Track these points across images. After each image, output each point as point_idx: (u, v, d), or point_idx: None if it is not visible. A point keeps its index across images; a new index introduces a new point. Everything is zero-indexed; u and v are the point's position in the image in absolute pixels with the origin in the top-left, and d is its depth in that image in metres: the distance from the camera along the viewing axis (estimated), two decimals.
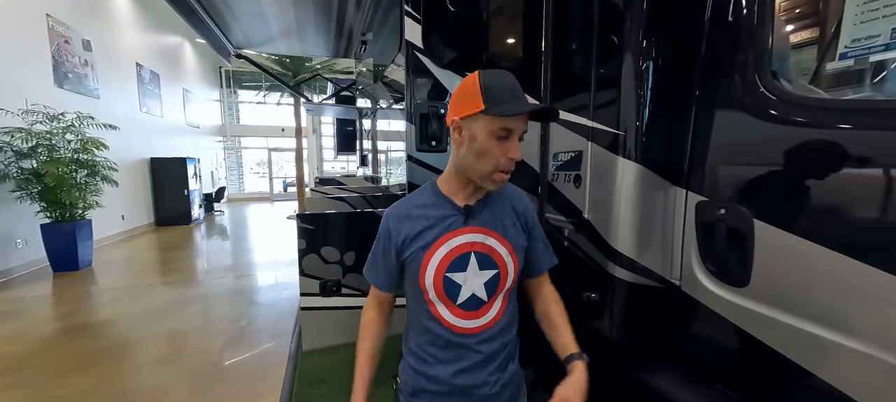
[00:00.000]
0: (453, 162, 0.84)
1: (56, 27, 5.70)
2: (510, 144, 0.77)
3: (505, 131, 0.76)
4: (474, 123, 0.76)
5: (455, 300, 0.83)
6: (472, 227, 0.83)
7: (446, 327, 0.84)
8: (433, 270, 0.81)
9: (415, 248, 0.82)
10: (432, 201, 0.85)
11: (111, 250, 6.22)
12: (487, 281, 0.84)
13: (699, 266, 1.06)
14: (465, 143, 0.78)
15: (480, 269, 0.83)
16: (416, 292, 0.85)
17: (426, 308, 0.85)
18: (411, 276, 0.84)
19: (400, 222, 0.84)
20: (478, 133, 0.76)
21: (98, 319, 3.52)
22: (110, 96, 6.93)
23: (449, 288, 0.82)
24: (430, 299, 0.84)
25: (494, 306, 0.87)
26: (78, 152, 4.93)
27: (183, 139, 10.37)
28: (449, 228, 0.82)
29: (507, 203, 0.90)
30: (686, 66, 1.06)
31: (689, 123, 1.07)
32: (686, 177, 1.09)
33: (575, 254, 1.31)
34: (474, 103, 0.74)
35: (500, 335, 0.88)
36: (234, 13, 3.75)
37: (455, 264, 0.82)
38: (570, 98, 1.34)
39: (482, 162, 0.77)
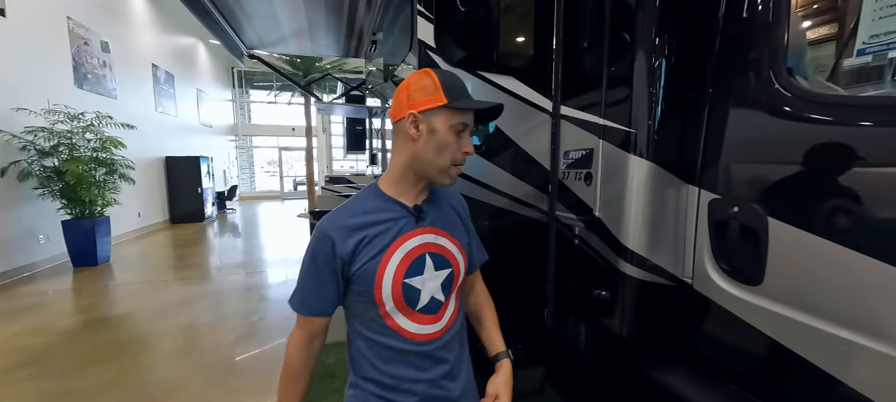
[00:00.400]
0: (404, 160, 0.79)
1: (76, 29, 5.87)
2: (465, 139, 0.78)
3: (462, 126, 0.76)
4: (434, 117, 0.74)
5: (415, 306, 0.79)
6: (423, 227, 0.80)
7: (408, 338, 0.79)
8: (390, 278, 0.76)
9: (366, 258, 0.75)
10: (378, 204, 0.79)
11: (128, 246, 6.39)
12: (444, 281, 0.82)
13: (712, 264, 1.05)
14: (423, 137, 0.75)
15: (436, 269, 0.81)
16: (366, 309, 0.78)
17: (382, 324, 0.78)
18: (362, 290, 0.77)
19: (343, 232, 0.75)
20: (438, 127, 0.75)
21: (116, 313, 3.63)
22: (127, 96, 7.11)
23: (408, 295, 0.77)
24: (387, 311, 0.77)
25: (450, 305, 0.85)
26: (97, 151, 5.07)
27: (196, 138, 10.57)
28: (402, 231, 0.78)
29: (447, 203, 0.90)
30: (699, 63, 1.06)
31: (702, 120, 1.07)
32: (699, 175, 1.08)
33: (585, 252, 1.31)
34: (435, 97, 0.74)
35: (458, 335, 0.87)
36: (248, 14, 3.82)
37: (412, 269, 0.78)
38: (581, 96, 1.35)
39: (441, 156, 0.76)
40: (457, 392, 0.85)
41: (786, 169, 0.89)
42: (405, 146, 0.78)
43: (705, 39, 1.05)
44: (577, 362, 1.43)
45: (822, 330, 0.81)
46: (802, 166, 0.85)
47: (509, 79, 1.43)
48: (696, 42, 1.06)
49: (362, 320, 0.80)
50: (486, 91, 1.40)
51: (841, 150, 0.79)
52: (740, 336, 1.01)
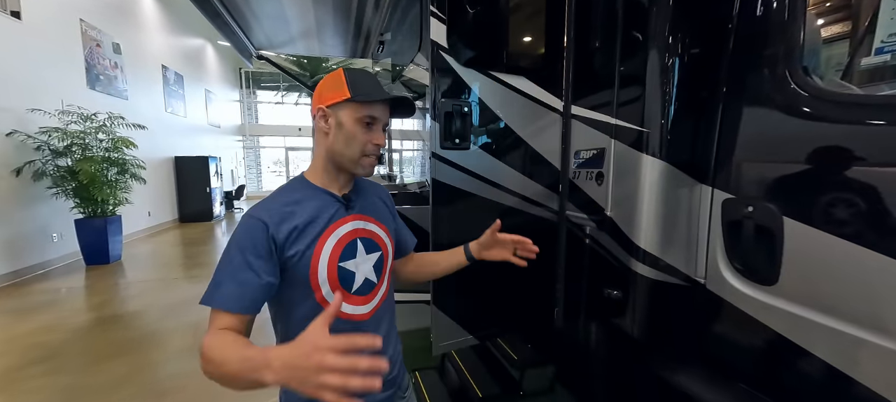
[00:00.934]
0: (322, 153, 0.83)
1: (89, 31, 5.97)
2: (374, 132, 0.82)
3: (370, 119, 0.80)
4: (341, 111, 0.79)
5: (350, 289, 0.83)
6: (353, 215, 0.85)
7: (344, 319, 0.82)
8: (325, 263, 0.79)
9: (302, 245, 0.76)
10: (306, 194, 0.82)
11: (139, 244, 6.48)
12: (375, 263, 0.88)
13: (725, 264, 1.05)
14: (332, 130, 0.80)
15: (368, 253, 0.86)
16: (302, 297, 0.78)
17: (318, 309, 0.77)
18: (298, 276, 0.77)
19: (276, 218, 0.75)
20: (344, 120, 0.79)
21: (128, 310, 3.69)
22: (138, 97, 7.22)
23: (343, 277, 0.81)
24: (324, 295, 0.79)
25: (382, 286, 0.90)
26: (109, 151, 5.15)
27: (205, 138, 10.69)
28: (333, 218, 0.82)
29: (373, 193, 0.95)
30: (713, 62, 1.06)
31: (716, 120, 1.06)
32: (712, 174, 1.08)
33: (596, 251, 1.31)
34: (340, 92, 0.78)
35: (387, 311, 0.92)
36: (257, 15, 3.86)
37: (346, 253, 0.82)
38: (592, 96, 1.35)
39: (350, 147, 0.80)
40: (393, 374, 0.91)
41: (801, 168, 0.89)
42: (321, 140, 0.82)
43: (719, 38, 1.04)
44: (587, 361, 1.44)
45: (838, 330, 0.81)
46: (819, 165, 0.85)
47: (520, 79, 1.44)
48: (709, 41, 1.06)
49: (298, 309, 0.79)
50: (498, 91, 1.41)
51: (857, 149, 0.79)
52: (754, 336, 1.00)
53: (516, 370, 1.74)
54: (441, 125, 1.32)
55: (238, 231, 0.75)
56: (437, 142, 1.34)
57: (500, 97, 1.43)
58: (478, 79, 1.37)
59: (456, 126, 1.32)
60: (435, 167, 1.34)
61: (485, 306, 1.59)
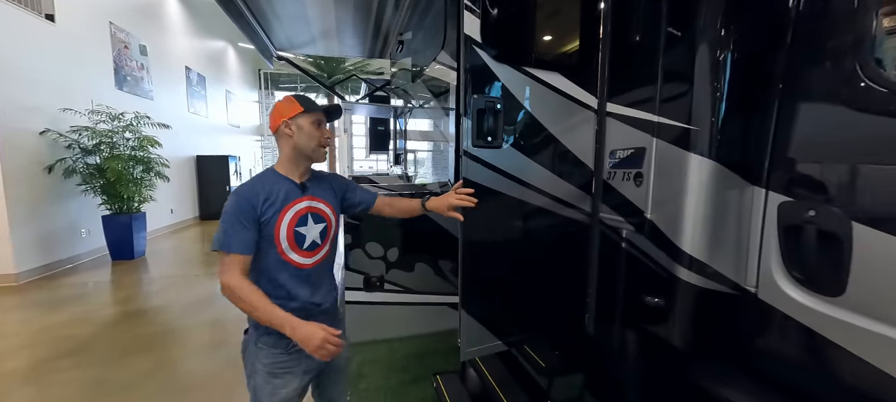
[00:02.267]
0: (288, 151, 1.19)
1: (117, 34, 6.17)
2: (323, 129, 1.23)
3: (318, 121, 1.21)
4: (299, 119, 1.18)
5: (301, 246, 1.18)
6: (307, 196, 1.21)
7: (296, 266, 1.18)
8: (285, 227, 1.15)
9: (270, 212, 1.13)
10: (275, 180, 1.18)
11: (162, 240, 6.66)
12: (320, 231, 1.23)
13: (781, 272, 0.98)
14: (296, 133, 1.18)
15: (315, 223, 1.22)
16: (269, 247, 1.14)
17: (279, 258, 1.15)
18: (267, 234, 1.13)
19: (255, 195, 1.12)
20: (303, 124, 1.18)
21: (152, 305, 3.77)
22: (162, 98, 7.42)
23: (298, 238, 1.17)
24: (283, 249, 1.15)
25: (324, 247, 1.25)
26: (135, 150, 5.30)
27: (225, 138, 10.93)
28: (290, 197, 1.17)
29: (327, 182, 1.32)
30: (768, 55, 0.99)
31: (770, 117, 0.99)
32: (765, 175, 1.01)
33: (634, 256, 1.25)
34: (295, 108, 1.18)
35: (327, 264, 1.28)
36: (279, 16, 3.90)
37: (300, 222, 1.18)
38: (631, 92, 1.29)
39: (312, 141, 1.20)
40: (325, 305, 1.26)
41: (874, 170, 0.81)
42: (287, 142, 1.19)
43: (776, 29, 0.97)
44: (622, 371, 1.37)
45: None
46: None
47: (553, 74, 1.39)
48: (765, 33, 0.99)
49: (265, 254, 1.14)
50: (531, 87, 1.36)
51: None
52: (813, 350, 0.93)
53: (544, 378, 1.69)
54: (473, 123, 1.28)
55: (231, 203, 1.11)
56: (469, 139, 1.30)
57: (532, 93, 1.39)
58: (510, 75, 1.32)
59: (488, 124, 1.28)
60: (467, 166, 1.30)
61: (514, 310, 1.54)
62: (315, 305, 1.21)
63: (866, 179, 0.82)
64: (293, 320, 1.04)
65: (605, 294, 1.42)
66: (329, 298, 1.28)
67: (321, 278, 1.26)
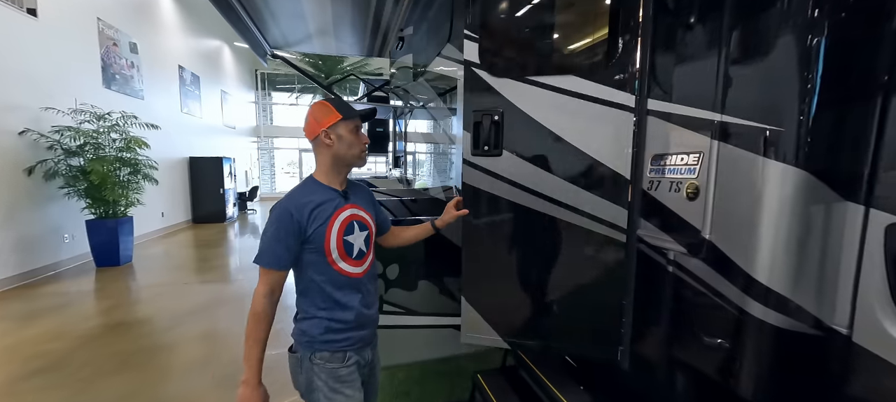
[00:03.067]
0: (328, 160, 1.16)
1: (106, 30, 5.94)
2: (362, 134, 1.19)
3: (356, 128, 1.17)
4: (338, 128, 1.13)
5: (351, 255, 1.15)
6: (349, 204, 1.18)
7: (346, 276, 1.15)
8: (335, 236, 1.12)
9: (318, 224, 1.10)
10: (317, 190, 1.15)
11: (151, 246, 6.41)
12: (365, 238, 1.20)
13: (889, 313, 0.77)
14: (336, 142, 1.14)
15: (360, 231, 1.19)
16: (318, 258, 1.11)
17: (330, 268, 1.13)
18: (315, 245, 1.10)
19: (299, 208, 1.09)
20: (343, 133, 1.14)
21: (136, 317, 3.53)
22: (154, 97, 7.19)
23: (347, 247, 1.14)
24: (333, 259, 1.12)
25: (370, 255, 1.23)
26: (122, 151, 5.07)
27: (220, 139, 10.69)
28: (337, 206, 1.14)
29: (361, 190, 1.28)
30: (868, 42, 0.79)
31: (872, 117, 0.79)
32: (864, 189, 0.81)
33: (687, 283, 1.04)
34: (332, 116, 1.13)
35: (374, 272, 1.26)
36: (274, 12, 3.69)
37: (347, 230, 1.15)
38: (678, 86, 1.08)
39: (352, 149, 1.16)
40: (373, 313, 1.24)
41: None
42: (326, 150, 1.15)
43: (879, 10, 0.78)
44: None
45: None
46: None
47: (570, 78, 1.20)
48: (865, 14, 0.79)
49: (315, 267, 1.12)
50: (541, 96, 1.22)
51: None
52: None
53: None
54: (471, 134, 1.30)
55: (274, 215, 1.09)
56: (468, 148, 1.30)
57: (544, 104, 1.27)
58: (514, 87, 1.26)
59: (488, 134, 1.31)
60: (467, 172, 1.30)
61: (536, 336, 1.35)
62: (365, 313, 1.19)
63: None
64: (251, 376, 1.07)
65: (644, 325, 1.21)
66: (375, 306, 1.26)
67: (370, 286, 1.23)
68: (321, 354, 1.12)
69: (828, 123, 0.82)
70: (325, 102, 1.15)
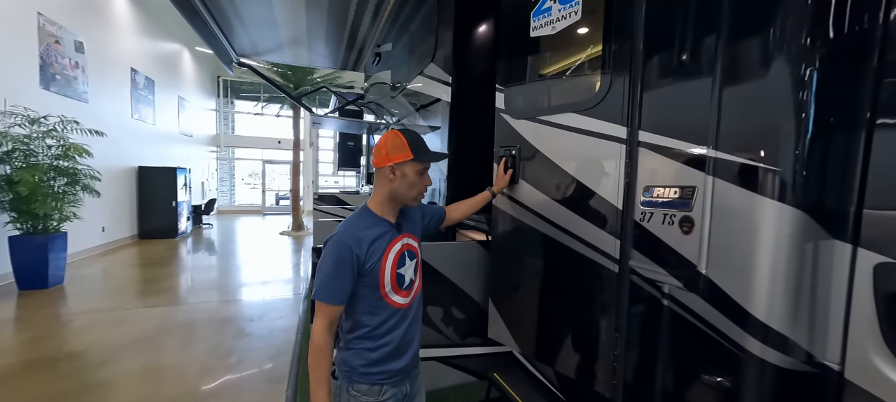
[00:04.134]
0: (386, 193, 1.14)
1: (47, 27, 5.40)
2: (426, 177, 1.17)
3: (423, 169, 1.15)
4: (405, 167, 1.11)
5: (402, 286, 1.15)
6: (403, 234, 1.17)
7: (397, 307, 1.14)
8: (389, 270, 1.11)
9: (375, 258, 1.08)
10: (373, 222, 1.13)
11: (87, 265, 5.73)
12: (414, 266, 1.20)
13: (880, 350, 0.79)
14: (398, 179, 1.12)
15: (410, 260, 1.18)
16: (371, 291, 1.09)
17: (381, 301, 1.11)
18: (370, 280, 1.08)
19: (357, 241, 1.06)
20: (408, 173, 1.12)
21: (64, 351, 3.08)
22: (100, 101, 6.58)
23: (399, 279, 1.14)
24: (386, 292, 1.11)
25: (418, 280, 1.22)
26: (58, 159, 4.54)
27: (174, 148, 9.97)
28: (391, 238, 1.13)
29: (412, 214, 1.27)
30: (851, 76, 0.83)
31: (856, 156, 0.83)
32: (852, 228, 0.83)
33: (683, 318, 1.03)
34: (404, 153, 1.11)
35: (420, 299, 1.24)
36: (243, 19, 3.51)
37: (400, 262, 1.14)
38: (671, 119, 1.09)
39: (412, 190, 1.14)
40: (414, 346, 1.21)
41: None
42: (387, 184, 1.14)
43: (862, 46, 0.82)
44: None
45: None
46: None
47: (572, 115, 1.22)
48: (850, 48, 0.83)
49: (366, 298, 1.10)
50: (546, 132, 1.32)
51: None
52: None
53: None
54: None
55: (333, 250, 1.05)
56: None
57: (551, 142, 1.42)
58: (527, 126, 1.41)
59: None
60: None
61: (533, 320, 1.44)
62: (406, 344, 1.17)
63: None
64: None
65: (636, 359, 1.19)
66: (418, 337, 1.24)
67: (417, 315, 1.22)
68: (359, 385, 1.11)
69: (817, 162, 0.84)
70: (400, 135, 1.12)
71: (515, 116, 1.55)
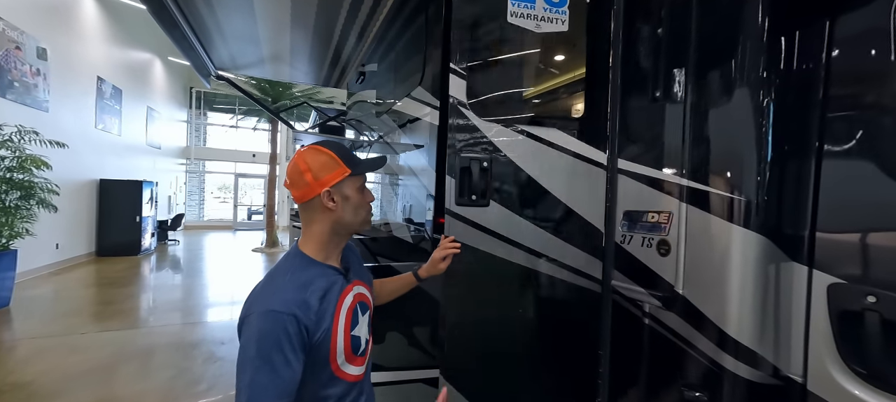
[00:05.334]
0: (326, 228, 0.87)
1: (7, 31, 5.11)
2: (368, 191, 0.94)
3: (363, 184, 0.93)
4: (344, 187, 0.87)
5: (357, 352, 0.87)
6: (352, 282, 0.91)
7: (351, 381, 0.86)
8: (342, 335, 0.83)
9: (325, 324, 0.80)
10: (314, 273, 0.84)
11: (37, 285, 5.29)
12: (368, 322, 0.94)
13: (836, 364, 0.87)
14: (340, 206, 0.86)
15: (363, 314, 0.92)
16: (318, 371, 0.80)
17: (332, 378, 0.82)
18: (319, 355, 0.79)
19: (303, 308, 0.76)
20: (349, 193, 0.88)
21: (8, 381, 2.81)
22: (62, 110, 6.23)
23: (354, 344, 0.86)
24: (339, 365, 0.83)
25: (371, 340, 0.96)
26: (12, 171, 4.24)
27: (141, 160, 9.51)
28: (340, 290, 0.86)
29: (353, 254, 1.00)
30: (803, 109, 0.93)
31: (808, 185, 0.92)
32: (807, 251, 0.93)
33: (662, 336, 1.09)
34: (339, 171, 0.85)
35: (370, 363, 0.96)
36: (224, 33, 3.47)
37: (353, 321, 0.87)
38: (648, 147, 1.18)
39: (359, 213, 0.90)
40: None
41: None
42: (324, 217, 0.86)
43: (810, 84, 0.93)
44: None
45: None
46: None
47: (553, 131, 1.27)
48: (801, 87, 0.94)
49: (311, 382, 0.79)
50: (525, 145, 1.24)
51: None
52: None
53: None
54: (457, 180, 1.21)
55: (266, 329, 0.72)
56: (452, 198, 1.21)
57: (529, 151, 1.28)
58: (503, 133, 1.25)
59: (474, 182, 1.21)
60: (450, 225, 1.20)
61: (511, 392, 1.30)
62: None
63: None
64: None
65: (619, 377, 1.24)
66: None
67: (366, 384, 0.94)
68: None
69: (776, 191, 0.94)
70: (323, 149, 0.86)
71: (486, 118, 1.26)
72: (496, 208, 1.27)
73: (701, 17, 1.03)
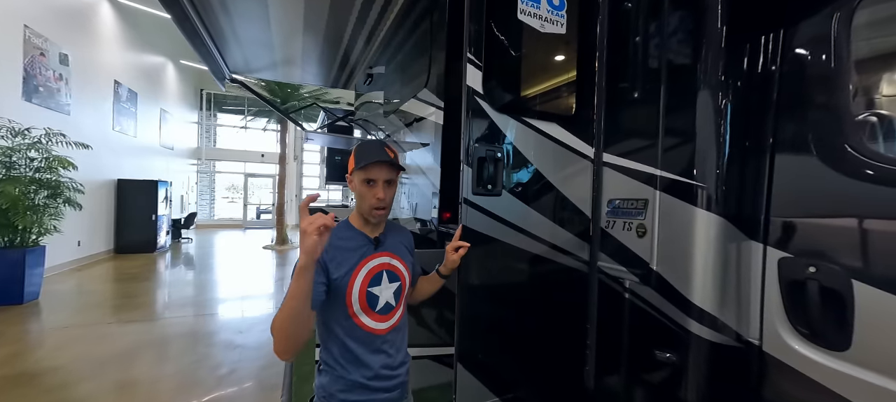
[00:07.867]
0: (356, 207, 1.12)
1: (33, 39, 5.37)
2: (375, 189, 1.07)
3: (368, 180, 1.07)
4: (354, 177, 1.09)
5: (374, 308, 1.07)
6: (380, 252, 1.11)
7: (369, 332, 1.06)
8: (358, 287, 1.05)
9: (342, 271, 1.03)
10: (349, 234, 1.09)
11: (62, 280, 5.56)
12: (395, 290, 1.12)
13: (785, 327, 1.01)
14: (356, 192, 1.09)
15: (389, 282, 1.10)
16: (338, 309, 1.05)
17: (349, 321, 1.05)
18: (338, 296, 1.03)
19: (327, 248, 0.97)
20: (356, 184, 1.08)
21: (42, 366, 3.02)
22: (82, 113, 6.50)
23: (370, 299, 1.07)
24: (354, 311, 1.05)
25: (399, 310, 1.13)
26: (40, 171, 4.48)
27: (155, 160, 9.81)
28: (364, 254, 1.08)
29: (402, 237, 1.21)
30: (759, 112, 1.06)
31: (764, 173, 1.06)
32: (762, 231, 1.06)
33: (639, 307, 1.24)
34: (351, 165, 1.10)
35: (401, 329, 1.15)
36: (240, 39, 3.66)
37: (374, 280, 1.08)
38: (630, 143, 1.32)
39: (362, 203, 1.09)
40: (398, 375, 1.11)
41: (872, 231, 0.88)
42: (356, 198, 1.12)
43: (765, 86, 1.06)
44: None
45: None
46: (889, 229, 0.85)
47: (551, 124, 1.41)
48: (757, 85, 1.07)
49: (335, 318, 1.05)
50: (530, 137, 1.38)
51: None
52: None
53: None
54: (474, 171, 1.29)
55: None
56: (469, 188, 1.30)
57: (531, 143, 1.40)
58: (509, 124, 1.35)
59: (488, 172, 1.30)
60: (468, 213, 1.28)
61: (512, 363, 1.45)
62: (387, 374, 1.08)
63: (865, 239, 0.89)
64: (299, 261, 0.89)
65: (605, 346, 1.39)
66: (403, 368, 1.14)
67: (396, 346, 1.12)
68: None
69: (736, 180, 1.08)
70: (359, 146, 1.12)
71: (497, 109, 1.33)
72: (507, 197, 1.36)
73: (670, 27, 1.18)
